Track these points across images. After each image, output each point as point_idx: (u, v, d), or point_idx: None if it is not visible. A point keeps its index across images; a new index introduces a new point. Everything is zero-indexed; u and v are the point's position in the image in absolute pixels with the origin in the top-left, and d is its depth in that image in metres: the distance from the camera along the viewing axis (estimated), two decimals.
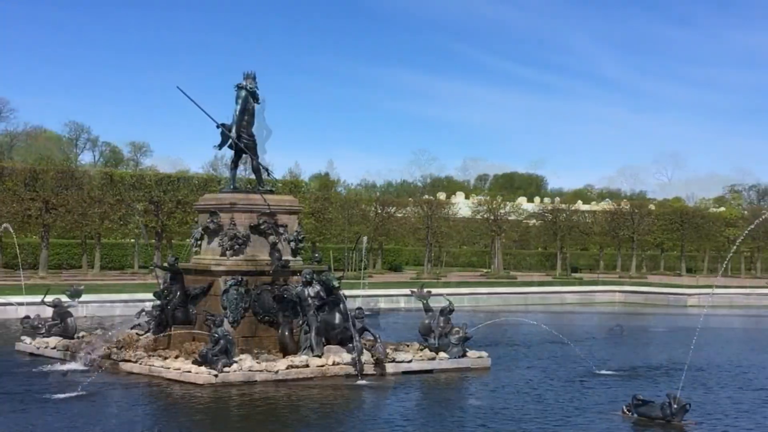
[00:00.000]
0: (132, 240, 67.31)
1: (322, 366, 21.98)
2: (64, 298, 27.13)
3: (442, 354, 23.92)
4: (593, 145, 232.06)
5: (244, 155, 25.37)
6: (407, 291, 36.63)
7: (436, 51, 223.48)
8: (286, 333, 23.24)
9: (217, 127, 24.78)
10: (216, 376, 20.54)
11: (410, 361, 23.26)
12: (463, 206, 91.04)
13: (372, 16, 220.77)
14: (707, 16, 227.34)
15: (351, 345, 22.45)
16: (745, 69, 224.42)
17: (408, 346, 24.96)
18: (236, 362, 21.20)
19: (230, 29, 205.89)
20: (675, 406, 17.39)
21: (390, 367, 22.75)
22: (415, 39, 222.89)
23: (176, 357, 22.34)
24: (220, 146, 25.24)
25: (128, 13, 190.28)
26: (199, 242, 24.84)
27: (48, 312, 27.63)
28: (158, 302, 24.16)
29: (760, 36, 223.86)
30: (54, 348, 25.18)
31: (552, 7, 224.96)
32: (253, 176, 26.22)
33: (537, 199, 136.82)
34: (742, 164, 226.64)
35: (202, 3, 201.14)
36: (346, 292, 24.42)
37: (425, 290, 25.47)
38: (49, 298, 27.07)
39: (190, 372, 20.90)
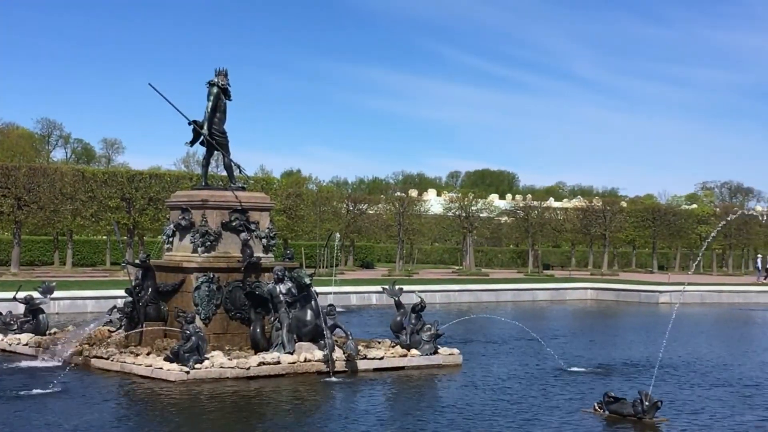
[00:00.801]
0: (104, 237, 67.10)
1: (294, 363, 21.98)
2: (36, 295, 26.99)
3: (413, 351, 23.94)
4: (567, 142, 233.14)
5: (215, 152, 25.36)
6: (379, 288, 36.72)
7: (410, 49, 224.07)
8: (258, 330, 23.22)
9: (189, 123, 24.72)
10: (188, 372, 20.51)
11: (382, 358, 23.28)
12: (434, 203, 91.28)
13: (347, 14, 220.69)
14: (681, 14, 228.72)
15: (323, 342, 22.44)
16: (720, 68, 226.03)
17: (380, 343, 24.98)
18: (208, 359, 21.18)
19: (204, 26, 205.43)
20: (646, 403, 17.47)
21: (362, 364, 22.77)
22: (389, 37, 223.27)
23: (148, 354, 22.28)
24: (192, 143, 25.21)
25: (100, 10, 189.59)
26: (171, 239, 24.79)
27: (20, 309, 27.53)
28: (130, 299, 24.07)
29: (735, 35, 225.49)
30: (26, 344, 25.11)
31: (527, 6, 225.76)
32: (225, 173, 26.16)
33: (509, 196, 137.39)
34: (715, 162, 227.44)
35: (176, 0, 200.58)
36: (318, 289, 24.41)
37: (397, 287, 25.46)
38: (21, 295, 26.94)
39: (161, 369, 20.85)
